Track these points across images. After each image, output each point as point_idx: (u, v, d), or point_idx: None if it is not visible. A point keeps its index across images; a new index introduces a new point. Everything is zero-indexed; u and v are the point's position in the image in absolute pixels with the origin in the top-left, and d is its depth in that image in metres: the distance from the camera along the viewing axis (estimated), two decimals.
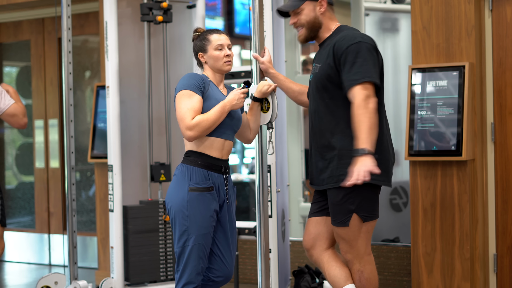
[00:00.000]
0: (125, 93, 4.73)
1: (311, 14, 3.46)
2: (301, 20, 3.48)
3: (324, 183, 3.41)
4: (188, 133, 3.31)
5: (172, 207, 3.38)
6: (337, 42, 3.34)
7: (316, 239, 3.52)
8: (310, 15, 3.46)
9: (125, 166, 4.69)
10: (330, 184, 3.38)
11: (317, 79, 3.41)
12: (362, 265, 3.42)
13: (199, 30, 3.54)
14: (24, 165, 6.90)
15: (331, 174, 3.37)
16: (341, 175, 3.33)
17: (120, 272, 4.45)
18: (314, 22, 3.47)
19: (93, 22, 6.26)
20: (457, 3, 4.27)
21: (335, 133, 3.36)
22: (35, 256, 6.71)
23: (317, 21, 3.47)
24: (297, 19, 3.49)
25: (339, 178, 3.33)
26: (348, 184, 3.17)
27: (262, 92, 3.40)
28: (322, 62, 3.40)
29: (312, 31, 3.48)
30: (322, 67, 3.39)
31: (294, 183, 5.89)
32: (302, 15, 3.47)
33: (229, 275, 3.55)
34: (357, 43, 3.29)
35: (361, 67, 3.25)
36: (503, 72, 4.29)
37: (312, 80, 3.46)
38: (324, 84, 3.37)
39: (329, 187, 3.39)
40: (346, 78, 3.28)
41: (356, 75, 3.24)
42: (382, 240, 5.39)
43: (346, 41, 3.31)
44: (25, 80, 6.87)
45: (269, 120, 3.43)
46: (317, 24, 3.47)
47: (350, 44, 3.29)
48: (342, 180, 3.31)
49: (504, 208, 4.32)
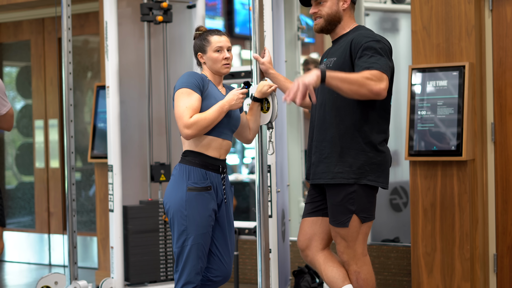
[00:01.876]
0: (125, 93, 4.73)
1: (334, 8, 3.46)
2: (322, 11, 3.47)
3: (317, 177, 3.40)
4: (186, 131, 3.31)
5: (171, 207, 3.38)
6: (355, 37, 3.33)
7: (311, 239, 3.51)
8: (333, 9, 3.46)
9: (125, 166, 4.69)
10: (324, 179, 3.37)
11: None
12: (358, 266, 3.42)
13: (200, 29, 3.53)
14: (24, 165, 6.90)
15: (327, 169, 3.36)
16: (339, 173, 3.32)
17: (120, 272, 4.45)
18: (334, 16, 3.46)
19: (93, 22, 6.26)
20: (457, 3, 4.27)
21: (339, 128, 3.35)
22: (35, 256, 6.71)
23: (337, 15, 3.46)
24: (318, 9, 3.48)
25: (336, 175, 3.33)
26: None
27: (262, 92, 3.39)
28: (337, 57, 3.38)
29: (330, 24, 3.47)
30: (337, 61, 3.37)
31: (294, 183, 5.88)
32: (324, 6, 3.46)
33: (228, 274, 3.55)
34: (377, 41, 3.29)
35: (379, 61, 3.23)
36: (503, 72, 4.29)
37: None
38: None
39: (323, 182, 3.38)
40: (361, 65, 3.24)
41: (374, 64, 3.21)
42: (382, 240, 5.38)
43: (366, 38, 3.30)
44: (25, 80, 6.87)
45: (269, 120, 3.43)
46: (336, 18, 3.47)
47: (370, 40, 3.29)
48: (339, 178, 3.31)
49: (504, 208, 4.32)
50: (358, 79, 3.16)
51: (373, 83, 3.16)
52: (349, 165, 3.31)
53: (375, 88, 3.16)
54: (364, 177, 3.32)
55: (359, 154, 3.32)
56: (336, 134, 3.35)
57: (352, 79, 3.15)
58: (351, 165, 3.31)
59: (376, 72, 3.19)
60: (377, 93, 3.18)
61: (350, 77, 3.15)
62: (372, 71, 3.20)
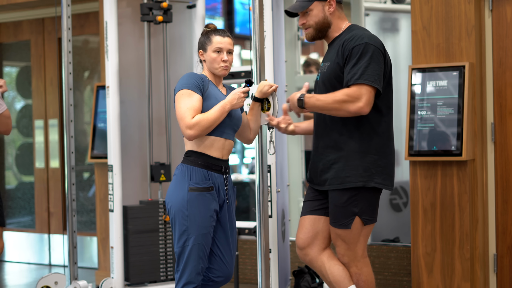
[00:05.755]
0: (125, 93, 4.73)
1: (320, 15, 3.42)
2: (309, 21, 3.43)
3: (327, 184, 3.40)
4: (188, 132, 3.31)
5: (172, 207, 3.38)
6: (345, 41, 3.32)
7: (314, 237, 3.49)
8: (319, 16, 3.42)
9: (125, 166, 4.69)
10: (333, 186, 3.36)
11: (326, 78, 3.38)
12: (359, 268, 3.41)
13: (209, 27, 3.52)
14: (24, 165, 6.90)
15: (336, 175, 3.35)
16: (347, 177, 3.32)
17: (120, 272, 4.45)
18: (323, 22, 3.43)
19: (93, 22, 6.26)
20: (457, 3, 4.27)
21: (342, 133, 3.34)
22: (35, 256, 6.71)
23: (326, 21, 3.43)
24: (306, 20, 3.45)
25: (345, 180, 3.32)
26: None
27: (263, 92, 3.39)
28: (331, 62, 3.38)
29: (320, 31, 3.45)
30: (331, 66, 3.37)
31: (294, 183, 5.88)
32: (311, 15, 3.43)
33: (229, 275, 3.55)
34: (363, 44, 3.26)
35: (362, 68, 3.23)
36: (503, 72, 4.29)
37: (320, 79, 3.43)
38: (333, 84, 3.34)
39: (332, 188, 3.38)
40: (346, 76, 3.27)
41: (355, 75, 3.23)
42: (382, 240, 5.38)
43: (353, 41, 3.28)
44: (25, 80, 6.87)
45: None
46: (326, 24, 3.43)
47: (356, 44, 3.27)
48: (348, 182, 3.31)
49: (504, 208, 4.32)
50: (334, 104, 3.24)
51: (349, 105, 3.22)
52: (355, 168, 3.31)
53: (352, 109, 3.22)
54: (372, 180, 3.32)
55: (364, 157, 3.32)
56: (340, 139, 3.35)
57: (329, 105, 3.25)
58: (357, 168, 3.31)
59: (353, 90, 3.22)
60: (355, 112, 3.24)
61: (327, 103, 3.25)
62: (349, 89, 3.23)
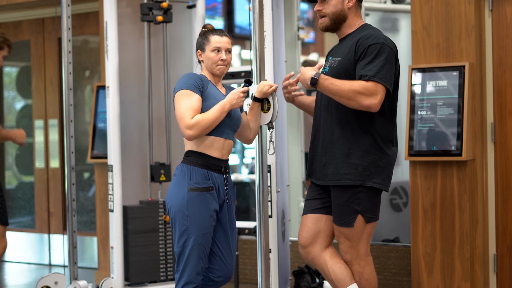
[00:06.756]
0: (125, 93, 4.72)
1: (339, 6, 3.42)
2: (326, 10, 3.43)
3: (327, 179, 3.40)
4: (188, 132, 3.31)
5: (172, 207, 3.38)
6: (360, 38, 3.31)
7: (317, 236, 3.50)
8: (338, 7, 3.42)
9: (125, 166, 4.69)
10: (332, 181, 3.37)
11: (335, 73, 3.36)
12: (361, 266, 3.42)
13: (206, 27, 3.53)
14: (24, 165, 6.90)
15: (335, 171, 3.36)
16: (346, 174, 3.32)
17: (120, 272, 4.45)
18: (339, 14, 3.42)
19: (93, 22, 6.26)
20: (457, 3, 4.27)
21: (345, 130, 3.34)
22: (35, 256, 6.71)
23: (342, 14, 3.42)
24: (323, 7, 3.44)
25: (343, 177, 3.33)
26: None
27: (262, 92, 3.39)
28: (342, 57, 3.36)
29: (335, 22, 3.44)
30: (342, 62, 3.36)
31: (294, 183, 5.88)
32: (329, 4, 3.42)
33: (229, 275, 3.55)
34: (380, 44, 3.26)
35: (377, 67, 3.22)
36: (503, 72, 4.29)
37: (328, 74, 3.39)
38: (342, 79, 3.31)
39: (331, 184, 3.38)
40: (359, 71, 3.24)
41: (371, 72, 3.21)
42: (382, 240, 5.38)
43: (370, 40, 3.27)
44: (25, 80, 6.87)
45: (269, 120, 3.42)
46: (341, 17, 3.43)
47: (374, 43, 3.26)
48: (346, 180, 3.31)
49: (504, 208, 4.32)
50: (349, 93, 3.19)
51: (364, 98, 3.19)
52: (355, 166, 3.32)
53: (365, 103, 3.20)
54: (370, 179, 3.32)
55: (365, 156, 3.32)
56: (343, 135, 3.35)
57: (343, 92, 3.20)
58: (357, 167, 3.31)
59: (371, 85, 3.20)
60: (367, 107, 3.22)
61: (341, 89, 3.19)
62: (367, 83, 3.20)
